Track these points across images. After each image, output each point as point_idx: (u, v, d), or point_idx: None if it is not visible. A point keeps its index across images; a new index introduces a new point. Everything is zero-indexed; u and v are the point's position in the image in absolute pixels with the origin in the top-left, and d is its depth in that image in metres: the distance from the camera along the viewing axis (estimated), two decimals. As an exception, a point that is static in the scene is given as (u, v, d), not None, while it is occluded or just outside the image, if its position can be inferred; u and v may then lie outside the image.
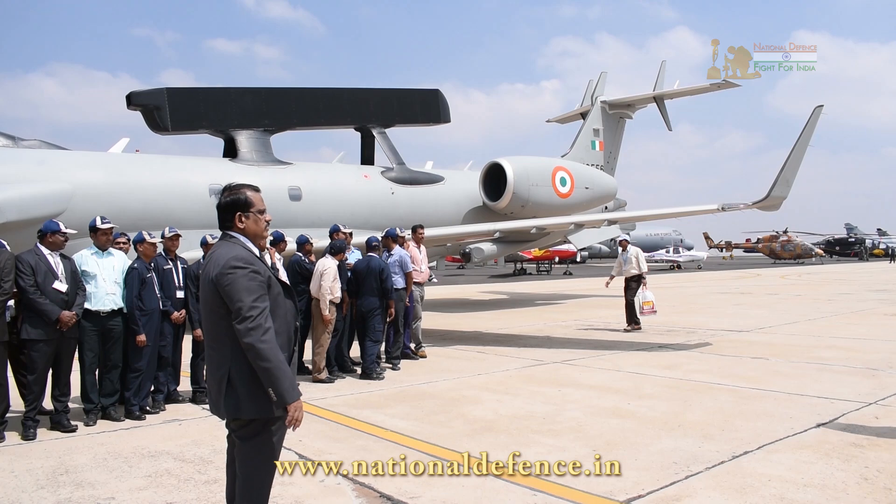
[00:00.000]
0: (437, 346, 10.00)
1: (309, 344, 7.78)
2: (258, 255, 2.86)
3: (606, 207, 19.63)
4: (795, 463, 4.36)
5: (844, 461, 4.39)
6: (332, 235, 8.39)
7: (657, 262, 47.89)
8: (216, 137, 14.63)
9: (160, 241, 6.62)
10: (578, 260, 41.25)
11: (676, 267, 45.35)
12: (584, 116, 20.68)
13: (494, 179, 16.13)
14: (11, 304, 5.45)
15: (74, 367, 5.71)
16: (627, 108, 20.67)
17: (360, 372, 7.92)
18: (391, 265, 8.43)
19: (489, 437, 5.12)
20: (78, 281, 5.67)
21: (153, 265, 6.32)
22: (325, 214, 13.28)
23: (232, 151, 13.95)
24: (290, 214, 12.99)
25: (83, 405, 5.84)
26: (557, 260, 39.42)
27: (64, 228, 5.67)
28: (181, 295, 6.54)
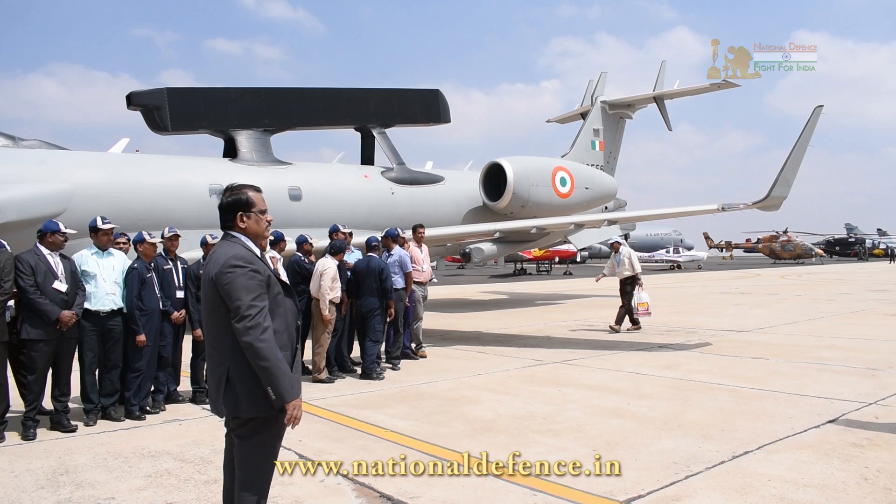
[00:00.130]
0: (437, 346, 10.00)
1: (309, 344, 7.78)
2: (259, 254, 2.87)
3: (606, 207, 19.63)
4: (795, 463, 4.36)
5: (844, 461, 4.39)
6: (331, 235, 8.40)
7: (657, 262, 47.93)
8: (216, 137, 14.63)
9: (160, 241, 6.62)
10: (578, 260, 41.23)
11: (676, 267, 45.31)
12: (584, 116, 20.67)
13: (494, 179, 16.12)
14: (11, 304, 5.45)
15: (74, 367, 5.72)
16: (627, 108, 20.68)
17: (360, 372, 7.92)
18: (391, 265, 8.44)
19: (489, 437, 5.13)
20: (78, 281, 5.67)
21: (153, 265, 6.32)
22: (325, 214, 13.28)
23: (232, 151, 13.95)
24: (290, 214, 12.99)
25: (83, 405, 5.84)
26: (557, 260, 39.40)
27: (63, 228, 5.67)
28: (181, 295, 6.55)
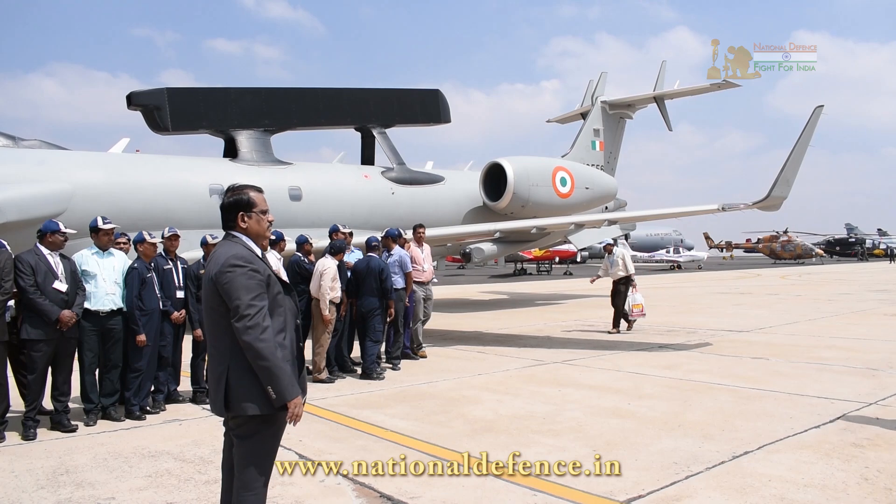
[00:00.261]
0: (437, 346, 10.00)
1: (309, 344, 7.78)
2: (259, 254, 2.87)
3: (607, 207, 19.63)
4: (796, 463, 4.36)
5: (845, 461, 4.39)
6: (331, 235, 8.40)
7: (657, 262, 47.94)
8: (216, 137, 14.62)
9: (160, 241, 6.62)
10: (579, 260, 41.19)
11: (677, 267, 45.32)
12: (584, 116, 20.67)
13: (495, 179, 16.12)
14: (11, 304, 5.45)
15: (74, 367, 5.72)
16: (628, 108, 20.67)
17: (360, 372, 7.92)
18: (391, 265, 8.43)
19: (489, 437, 5.12)
20: (78, 281, 5.67)
21: (153, 265, 6.32)
22: (325, 214, 13.27)
23: (232, 151, 13.95)
24: (290, 214, 12.98)
25: (83, 405, 5.84)
26: (558, 260, 39.39)
27: (63, 228, 5.68)
28: (181, 295, 6.55)
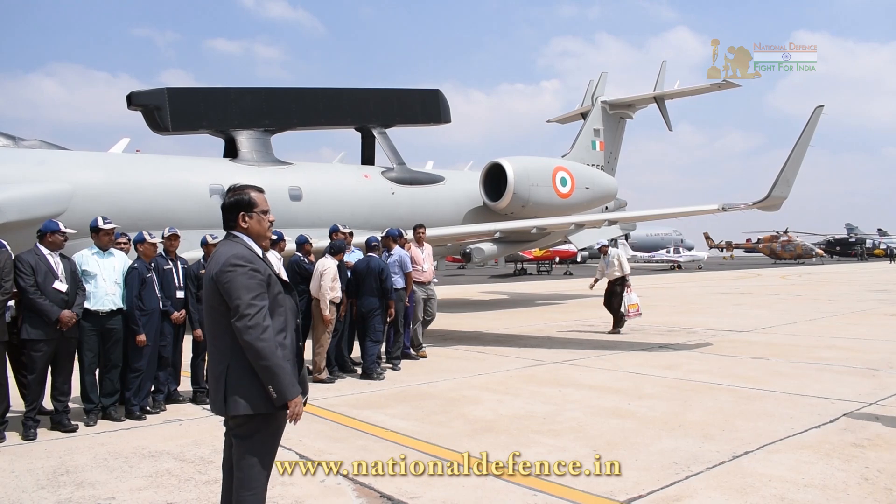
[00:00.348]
0: (437, 346, 9.99)
1: (309, 344, 7.78)
2: (260, 254, 2.88)
3: (607, 207, 19.63)
4: (796, 463, 4.36)
5: (845, 461, 4.39)
6: (331, 235, 8.40)
7: (658, 262, 47.94)
8: (216, 137, 14.63)
9: (160, 241, 6.62)
10: (579, 260, 41.21)
11: (677, 267, 45.33)
12: (584, 116, 20.67)
13: (495, 179, 16.12)
14: (12, 304, 5.45)
15: (74, 367, 5.71)
16: (628, 108, 20.67)
17: (360, 372, 7.92)
18: (391, 265, 8.43)
19: (489, 437, 5.12)
20: (78, 281, 5.67)
21: (153, 265, 6.32)
22: (325, 214, 13.28)
23: (232, 151, 13.95)
24: (290, 214, 12.98)
25: (83, 405, 5.84)
26: (558, 260, 39.40)
27: (63, 228, 5.68)
28: (181, 295, 6.55)
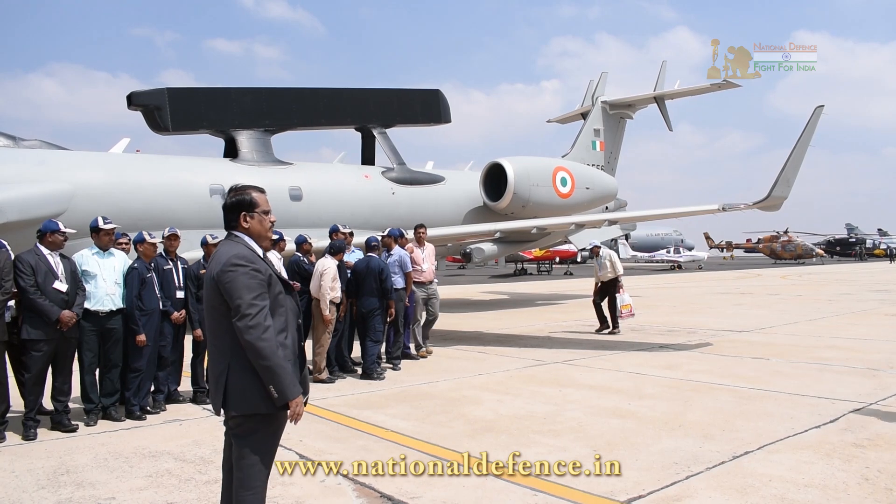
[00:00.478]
0: (437, 346, 9.98)
1: (309, 344, 7.78)
2: (261, 254, 2.89)
3: (607, 207, 19.62)
4: (796, 463, 4.36)
5: (845, 461, 4.38)
6: (331, 235, 8.40)
7: (658, 262, 47.94)
8: (217, 137, 14.62)
9: (160, 241, 6.62)
10: (579, 260, 41.13)
11: (677, 267, 45.33)
12: (584, 117, 20.66)
13: (495, 180, 16.11)
14: (12, 304, 5.46)
15: (74, 367, 5.71)
16: (628, 108, 20.66)
17: (360, 372, 7.92)
18: (391, 265, 8.43)
19: (489, 437, 5.12)
20: (78, 281, 5.67)
21: (153, 265, 6.32)
22: (325, 214, 13.27)
23: (232, 151, 13.95)
24: (290, 214, 12.97)
25: (83, 405, 5.84)
26: (558, 260, 39.40)
27: (63, 228, 5.67)
28: (181, 295, 6.55)
